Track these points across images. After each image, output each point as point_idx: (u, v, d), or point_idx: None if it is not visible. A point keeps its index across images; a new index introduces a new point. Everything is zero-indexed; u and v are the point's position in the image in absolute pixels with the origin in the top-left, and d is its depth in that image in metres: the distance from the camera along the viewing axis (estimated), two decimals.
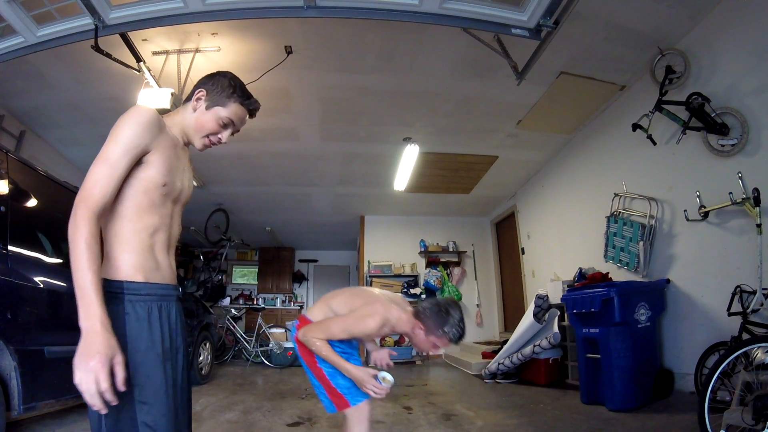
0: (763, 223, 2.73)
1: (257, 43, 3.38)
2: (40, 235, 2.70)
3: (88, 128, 4.57)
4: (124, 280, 1.08)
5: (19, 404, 2.20)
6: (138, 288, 1.09)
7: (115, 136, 1.07)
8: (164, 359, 1.09)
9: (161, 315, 1.13)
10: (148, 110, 1.13)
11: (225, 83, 1.26)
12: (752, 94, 2.93)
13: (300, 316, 1.95)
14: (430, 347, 1.72)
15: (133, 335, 1.05)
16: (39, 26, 2.51)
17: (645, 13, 3.19)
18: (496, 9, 2.50)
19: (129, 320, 1.06)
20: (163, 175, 1.14)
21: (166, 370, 1.09)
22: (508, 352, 4.76)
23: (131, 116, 1.10)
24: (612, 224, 4.29)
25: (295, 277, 10.99)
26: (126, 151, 1.06)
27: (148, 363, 1.06)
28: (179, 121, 1.26)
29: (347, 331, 1.70)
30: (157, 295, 1.13)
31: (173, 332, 1.16)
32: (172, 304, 1.19)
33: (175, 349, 1.16)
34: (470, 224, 8.17)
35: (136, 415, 1.01)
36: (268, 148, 5.24)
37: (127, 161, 1.07)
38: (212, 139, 1.28)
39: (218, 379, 5.40)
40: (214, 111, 1.25)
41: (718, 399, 2.29)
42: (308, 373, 1.81)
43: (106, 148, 1.06)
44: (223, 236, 7.31)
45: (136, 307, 1.07)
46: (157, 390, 1.05)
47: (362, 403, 1.76)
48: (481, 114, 4.57)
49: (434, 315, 1.68)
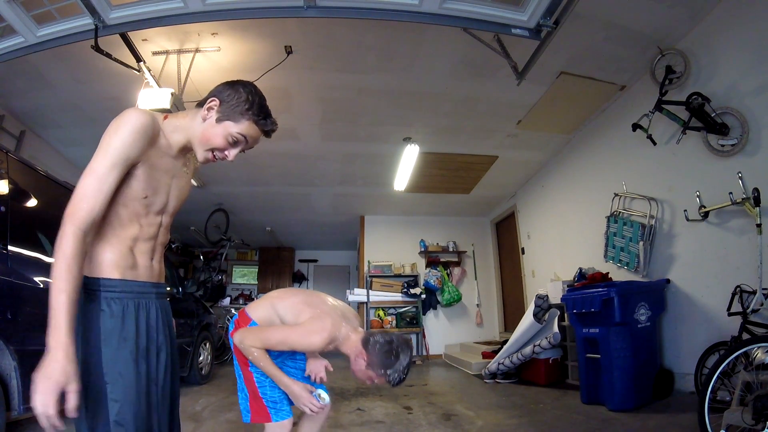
0: (763, 223, 2.73)
1: (257, 43, 3.38)
2: (40, 235, 2.70)
3: (88, 128, 4.57)
4: (100, 277, 1.08)
5: (19, 404, 2.20)
6: (114, 285, 1.08)
7: (105, 146, 1.04)
8: (138, 357, 1.08)
9: (138, 312, 1.11)
10: (140, 116, 1.07)
11: (243, 97, 1.16)
12: (752, 94, 2.93)
13: (240, 311, 1.79)
14: (365, 378, 1.61)
15: (106, 332, 1.05)
16: (39, 26, 2.51)
17: (645, 13, 3.19)
18: (496, 9, 2.50)
19: (103, 317, 1.06)
20: (144, 189, 1.11)
21: (139, 369, 1.08)
22: (508, 352, 4.76)
23: (122, 124, 1.05)
24: (612, 224, 4.29)
25: (295, 277, 10.99)
26: (114, 165, 1.03)
27: (119, 360, 1.05)
28: (186, 127, 1.18)
29: (288, 345, 1.60)
30: (133, 292, 1.12)
31: (152, 330, 1.14)
32: (152, 302, 1.17)
33: (155, 347, 1.15)
34: (470, 224, 8.17)
35: (108, 414, 1.01)
36: (268, 148, 5.23)
37: (116, 175, 1.04)
38: (217, 155, 1.19)
39: (218, 379, 5.40)
40: (225, 126, 1.15)
41: (718, 399, 2.29)
42: (237, 372, 1.72)
43: (95, 159, 1.03)
44: (223, 236, 7.32)
45: (111, 304, 1.07)
46: (128, 388, 1.04)
47: (285, 421, 1.69)
48: (481, 114, 4.57)
49: (382, 353, 1.56)
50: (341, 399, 4.08)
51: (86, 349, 1.04)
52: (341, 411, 3.56)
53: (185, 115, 1.20)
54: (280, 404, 1.69)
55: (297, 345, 1.61)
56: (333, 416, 3.39)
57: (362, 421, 3.22)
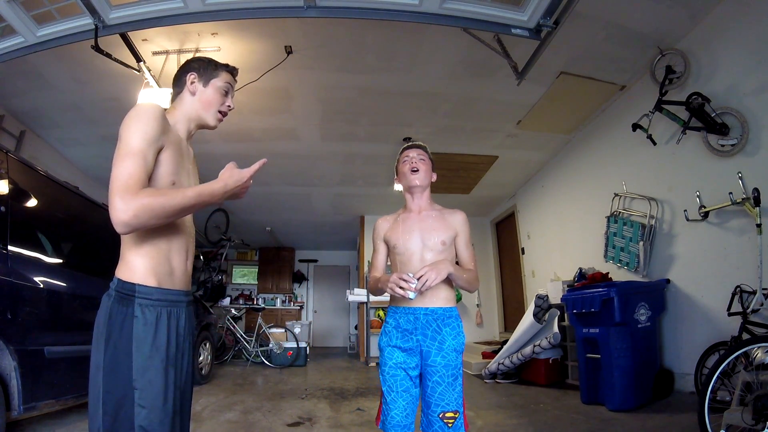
0: (763, 223, 2.73)
1: (257, 43, 3.38)
2: (40, 235, 2.70)
3: (88, 128, 4.57)
4: (136, 283, 1.08)
5: (19, 404, 2.20)
6: (150, 292, 1.09)
7: (134, 130, 1.06)
8: (168, 365, 1.09)
9: (170, 321, 1.13)
10: (154, 105, 1.13)
11: (204, 61, 1.32)
12: (752, 94, 2.93)
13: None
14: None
15: (139, 339, 1.05)
16: (39, 26, 2.51)
17: (645, 13, 3.18)
18: (496, 9, 2.50)
19: (137, 324, 1.06)
20: (170, 174, 1.13)
21: (168, 376, 1.09)
22: (508, 352, 4.76)
23: (141, 113, 1.09)
24: (612, 224, 4.29)
25: (295, 277, 11.00)
26: (150, 143, 1.06)
27: (151, 368, 1.06)
28: (183, 113, 1.27)
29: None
30: (168, 300, 1.13)
31: (180, 338, 1.16)
32: (182, 310, 1.18)
33: (182, 354, 1.17)
34: (470, 224, 8.08)
35: (134, 418, 1.02)
36: (268, 148, 5.24)
37: (153, 153, 1.07)
38: (222, 109, 1.32)
39: (218, 379, 5.40)
40: (212, 84, 1.30)
41: (718, 399, 2.29)
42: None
43: (128, 142, 1.04)
44: (223, 236, 7.31)
45: (146, 311, 1.07)
46: (156, 395, 1.05)
47: None
48: (481, 114, 4.57)
49: None
50: (341, 399, 4.08)
51: (115, 352, 1.04)
52: (341, 411, 3.56)
53: (174, 108, 1.29)
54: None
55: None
56: (333, 416, 3.39)
57: (362, 421, 3.22)
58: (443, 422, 1.49)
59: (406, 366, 1.56)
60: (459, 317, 1.65)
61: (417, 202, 1.73)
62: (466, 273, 1.62)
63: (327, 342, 10.74)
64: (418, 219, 1.68)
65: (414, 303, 1.58)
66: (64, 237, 3.03)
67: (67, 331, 2.69)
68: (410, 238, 1.64)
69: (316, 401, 3.98)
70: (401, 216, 1.74)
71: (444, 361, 1.54)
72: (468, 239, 1.72)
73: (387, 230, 1.73)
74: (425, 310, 1.58)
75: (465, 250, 1.70)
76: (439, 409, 1.50)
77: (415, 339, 1.57)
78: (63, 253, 2.94)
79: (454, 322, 1.60)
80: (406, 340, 1.58)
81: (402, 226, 1.69)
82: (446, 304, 1.62)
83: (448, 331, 1.57)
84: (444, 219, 1.69)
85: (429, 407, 1.52)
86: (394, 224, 1.72)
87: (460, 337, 1.59)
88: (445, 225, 1.67)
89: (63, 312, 2.68)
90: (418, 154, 1.73)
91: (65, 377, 2.59)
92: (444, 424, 1.48)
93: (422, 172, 1.70)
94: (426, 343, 1.56)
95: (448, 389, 1.52)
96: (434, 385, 1.52)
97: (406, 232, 1.66)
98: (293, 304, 10.47)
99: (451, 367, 1.54)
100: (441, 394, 1.51)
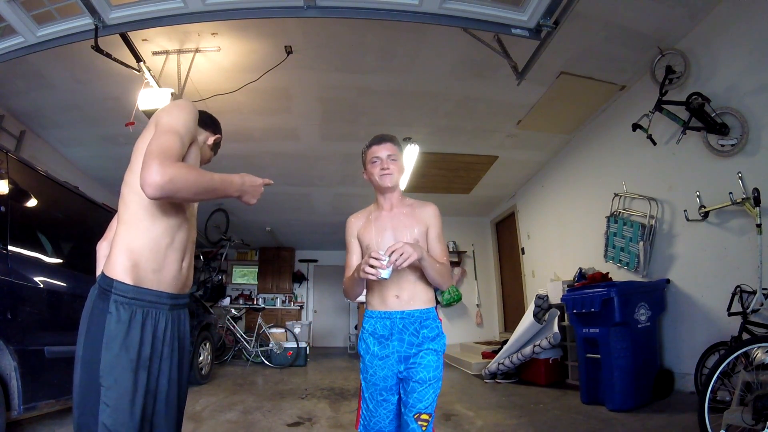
0: (763, 223, 2.73)
1: (257, 43, 3.38)
2: (40, 235, 2.70)
3: (88, 128, 4.57)
4: (114, 279, 1.08)
5: (19, 404, 2.20)
6: (125, 290, 1.08)
7: (176, 115, 1.13)
8: (138, 367, 1.07)
9: (145, 322, 1.10)
10: (192, 104, 1.23)
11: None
12: (752, 94, 2.93)
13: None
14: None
15: (109, 336, 1.04)
16: (39, 26, 2.51)
17: (645, 13, 3.18)
18: (496, 9, 2.49)
19: (109, 319, 1.05)
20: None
21: (138, 379, 1.07)
22: (508, 352, 4.76)
23: (183, 106, 1.18)
24: (612, 224, 4.29)
25: (295, 277, 10.99)
26: (188, 131, 1.13)
27: (118, 367, 1.04)
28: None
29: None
30: (144, 300, 1.11)
31: (158, 341, 1.13)
32: (162, 312, 1.15)
33: (159, 359, 1.14)
34: (470, 224, 8.17)
35: (98, 414, 1.02)
36: (268, 148, 5.24)
37: (188, 140, 1.13)
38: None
39: (218, 379, 5.40)
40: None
41: (718, 399, 2.29)
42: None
43: (169, 122, 1.10)
44: (223, 236, 7.31)
45: (120, 308, 1.06)
46: (121, 396, 1.03)
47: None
48: (481, 114, 4.57)
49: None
50: (341, 399, 4.08)
51: (87, 344, 1.05)
52: (341, 411, 3.56)
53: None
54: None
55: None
56: (333, 416, 3.40)
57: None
58: (417, 423, 1.45)
59: (386, 374, 1.52)
60: (437, 318, 1.59)
61: (389, 200, 1.68)
62: (438, 264, 1.52)
63: (327, 342, 10.73)
64: (390, 217, 1.64)
65: (393, 306, 1.54)
66: (64, 237, 3.03)
67: (67, 331, 2.68)
68: (383, 237, 1.60)
69: (316, 401, 3.98)
70: (373, 214, 1.69)
71: (423, 361, 1.49)
72: (439, 233, 1.64)
73: (360, 228, 1.69)
74: (401, 314, 1.53)
75: (436, 244, 1.61)
76: (415, 410, 1.46)
77: (391, 346, 1.52)
78: (63, 253, 2.93)
79: (432, 323, 1.55)
80: (383, 347, 1.53)
81: (374, 225, 1.65)
82: (425, 306, 1.57)
83: (426, 333, 1.52)
84: (415, 214, 1.65)
85: (406, 407, 1.49)
86: (366, 223, 1.68)
87: (440, 338, 1.54)
88: (416, 220, 1.63)
89: (63, 312, 2.67)
90: (389, 154, 1.63)
91: (65, 377, 2.58)
92: (418, 426, 1.44)
93: (394, 173, 1.63)
94: (404, 349, 1.51)
95: (427, 390, 1.47)
96: (414, 385, 1.48)
97: (379, 232, 1.62)
98: (293, 304, 10.47)
99: (432, 368, 1.49)
100: (419, 395, 1.47)
